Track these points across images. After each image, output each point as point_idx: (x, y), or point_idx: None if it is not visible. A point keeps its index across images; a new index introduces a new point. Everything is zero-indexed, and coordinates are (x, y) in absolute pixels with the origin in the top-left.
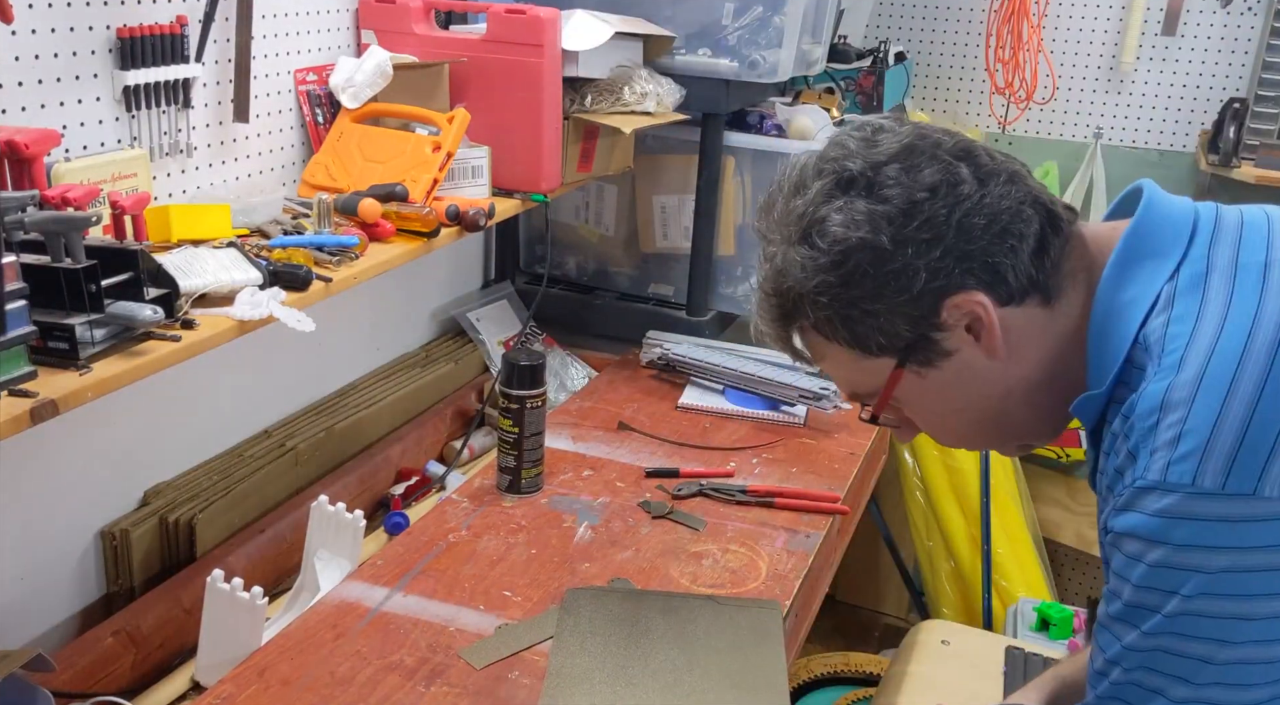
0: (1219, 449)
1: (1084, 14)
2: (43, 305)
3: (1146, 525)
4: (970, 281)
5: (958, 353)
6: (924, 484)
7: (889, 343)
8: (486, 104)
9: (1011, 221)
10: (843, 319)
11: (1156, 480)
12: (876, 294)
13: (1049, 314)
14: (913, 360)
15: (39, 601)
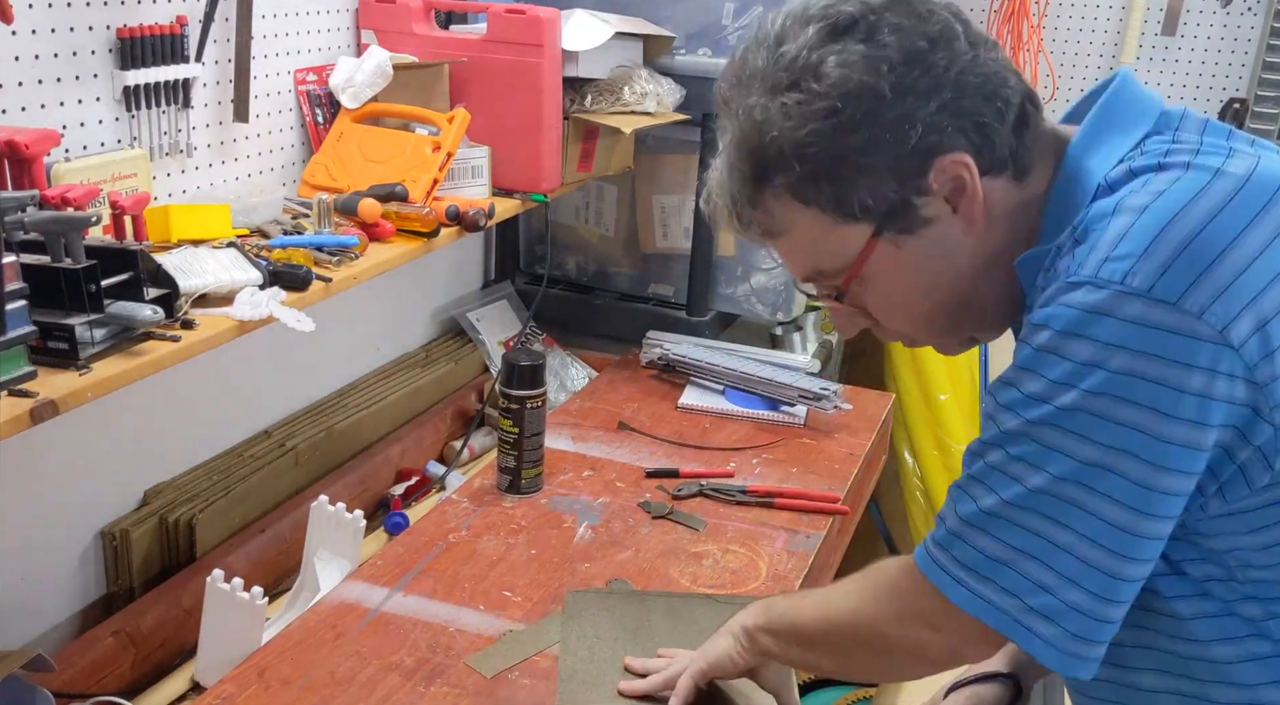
0: (1157, 254)
1: (1084, 14)
2: (43, 305)
3: (1066, 316)
4: (961, 141)
5: (936, 222)
6: (924, 484)
7: (871, 204)
8: (486, 104)
9: (1000, 87)
10: (829, 175)
11: (1089, 276)
12: (871, 146)
13: (1018, 190)
14: (891, 227)
15: (39, 601)
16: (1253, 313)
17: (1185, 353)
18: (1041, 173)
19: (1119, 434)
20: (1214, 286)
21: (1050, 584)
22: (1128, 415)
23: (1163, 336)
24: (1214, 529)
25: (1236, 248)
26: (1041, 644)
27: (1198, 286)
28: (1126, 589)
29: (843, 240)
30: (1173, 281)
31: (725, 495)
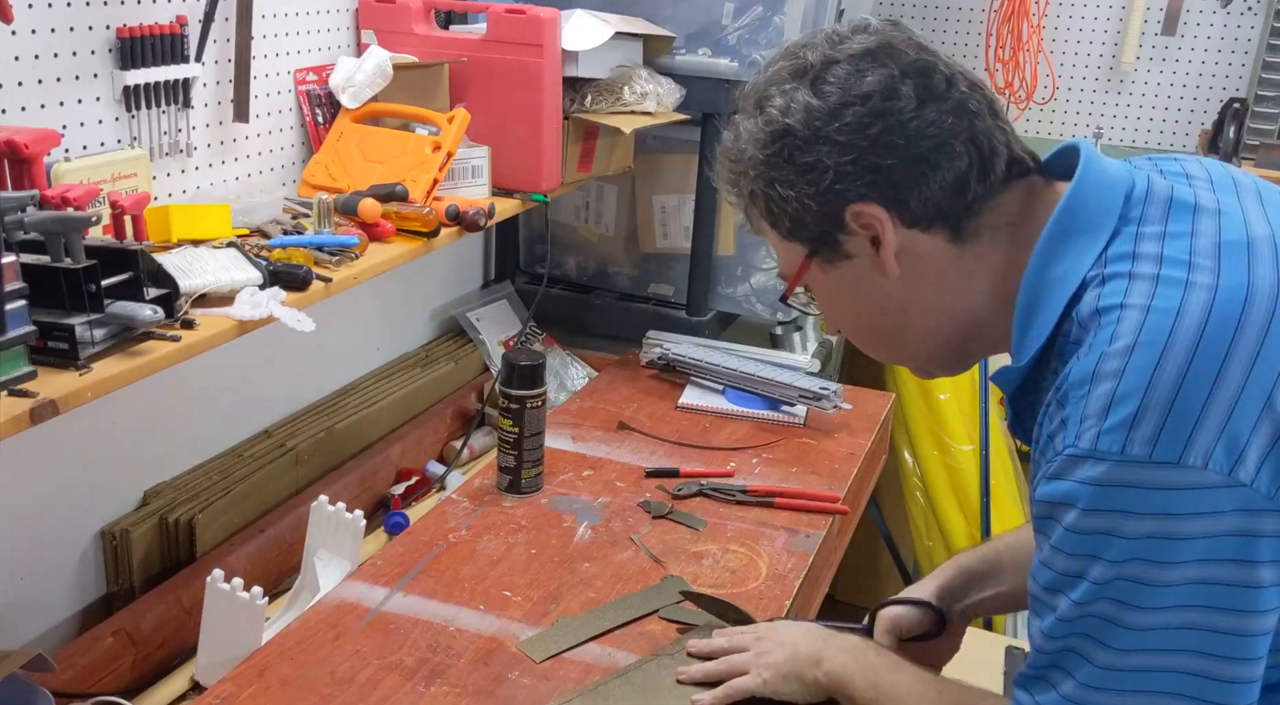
0: (1147, 419)
1: (1084, 14)
2: (43, 305)
3: (1077, 493)
4: (873, 194)
5: (857, 259)
6: (924, 484)
7: (798, 230)
8: (486, 104)
9: (933, 151)
10: (764, 196)
11: (1088, 449)
12: (790, 181)
13: (958, 252)
14: (819, 254)
15: (39, 601)
16: (1256, 446)
17: (1205, 504)
18: (993, 243)
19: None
20: (1209, 435)
21: None
22: (1179, 574)
23: (1178, 496)
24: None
25: (1220, 387)
26: None
27: (1194, 440)
28: None
29: (788, 253)
30: (1169, 442)
31: (725, 495)
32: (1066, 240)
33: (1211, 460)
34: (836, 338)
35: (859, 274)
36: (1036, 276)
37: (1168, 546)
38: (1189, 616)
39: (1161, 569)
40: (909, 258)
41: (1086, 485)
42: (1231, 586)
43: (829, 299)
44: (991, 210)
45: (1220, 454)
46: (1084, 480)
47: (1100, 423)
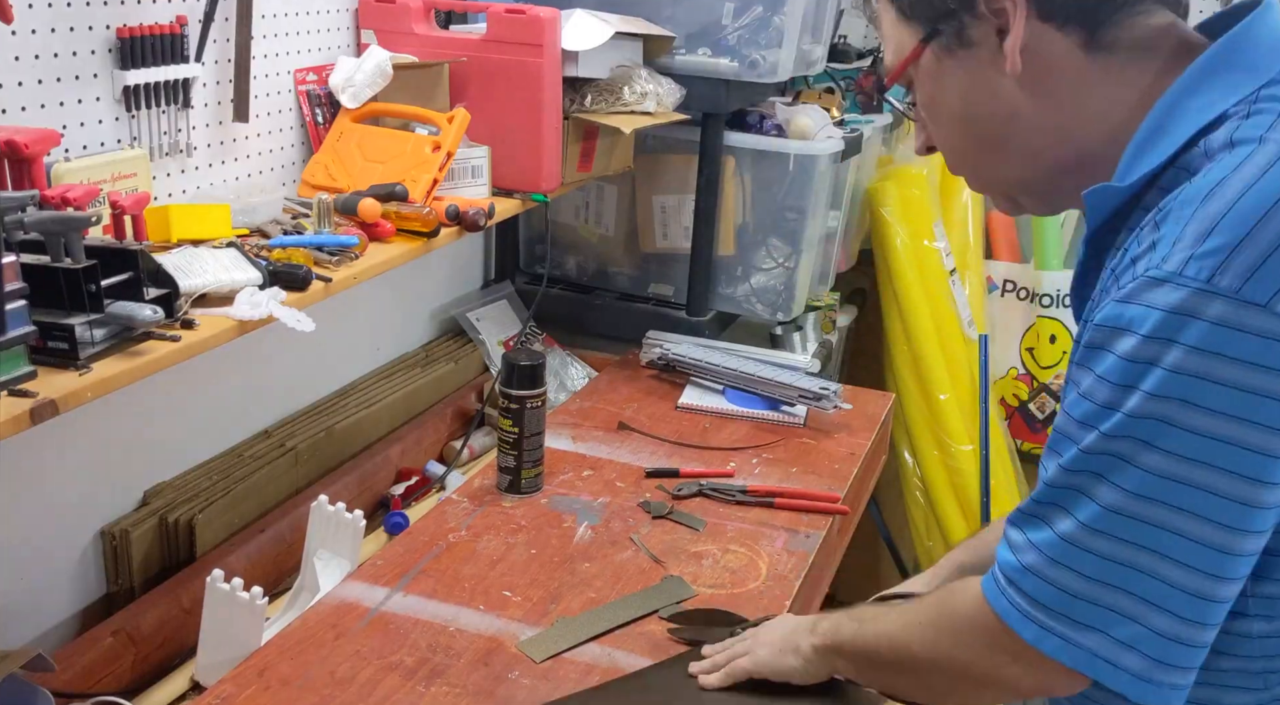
0: (1246, 252)
1: None
2: (43, 305)
3: (1150, 318)
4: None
5: (978, 48)
6: (924, 484)
7: (925, 9)
8: (486, 104)
9: None
10: None
11: (1172, 272)
12: None
13: (1089, 62)
14: (938, 38)
15: (39, 601)
16: None
17: (1270, 357)
18: (1127, 65)
19: (1204, 446)
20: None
21: (1134, 612)
22: (1214, 425)
23: (1252, 341)
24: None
25: None
26: (1129, 678)
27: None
28: (1218, 611)
29: (902, 38)
30: (1262, 282)
31: (725, 495)
32: (1221, 73)
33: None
34: (836, 338)
35: (975, 67)
36: (1174, 101)
37: (1217, 393)
38: (1206, 476)
39: (1197, 415)
40: (1034, 57)
41: (1156, 310)
42: (1256, 454)
43: (933, 95)
44: (1134, 26)
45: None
46: (1156, 305)
47: (1195, 246)
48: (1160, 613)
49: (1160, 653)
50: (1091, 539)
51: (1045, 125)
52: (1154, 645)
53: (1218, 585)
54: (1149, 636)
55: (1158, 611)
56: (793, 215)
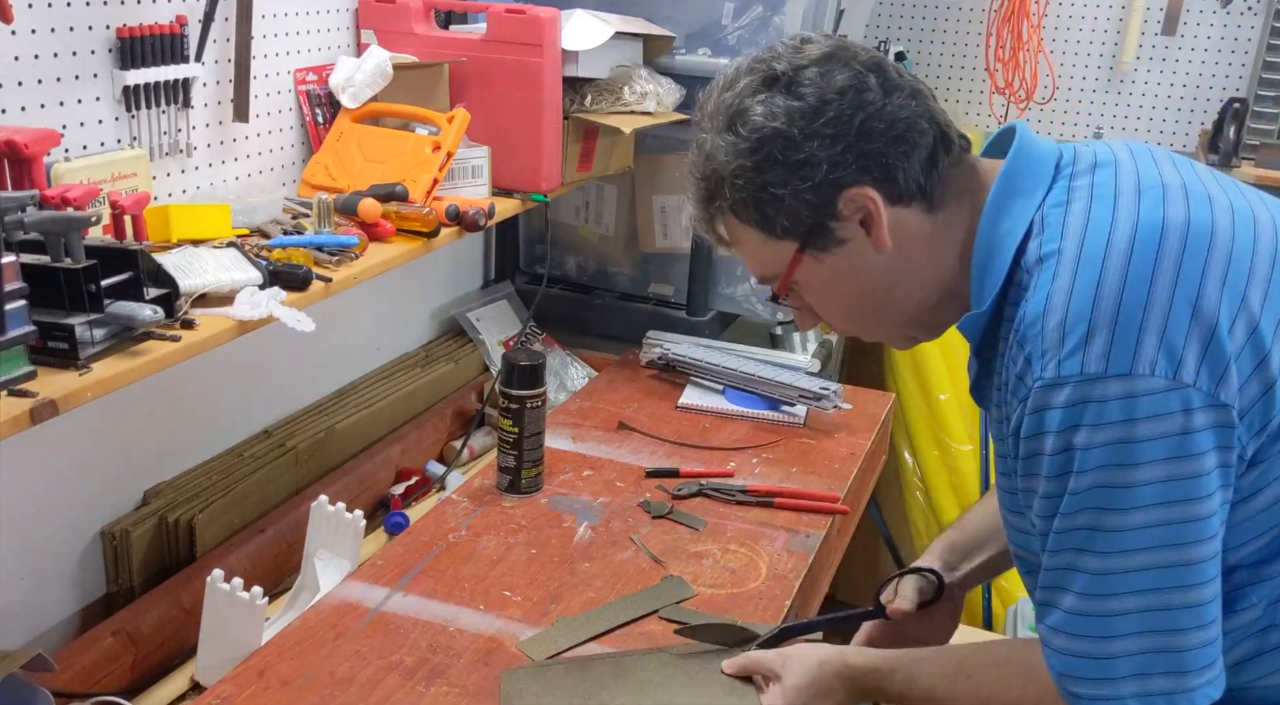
0: (1097, 338)
1: (1084, 14)
2: (43, 305)
3: (1056, 417)
4: (865, 177)
5: (851, 242)
6: (924, 484)
7: (792, 226)
8: (486, 104)
9: (907, 130)
10: (755, 201)
11: (1053, 377)
12: (784, 180)
13: (933, 221)
14: (812, 245)
15: (39, 601)
16: (1191, 351)
17: (1158, 406)
18: (957, 208)
19: (1141, 494)
20: (1151, 345)
21: (1154, 645)
22: (1143, 474)
23: (1134, 403)
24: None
25: (1152, 302)
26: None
27: (1140, 351)
28: (1212, 608)
29: (775, 253)
30: (1119, 355)
31: (725, 495)
32: (1010, 199)
33: (1156, 367)
34: (836, 338)
35: (851, 257)
36: (988, 233)
37: (1131, 449)
38: (1158, 514)
39: (1128, 471)
40: (896, 233)
41: (1058, 410)
42: (1188, 480)
43: (818, 288)
44: (953, 180)
45: (1163, 361)
46: (1055, 405)
47: (1059, 351)
48: (1173, 635)
49: (1182, 664)
50: (1092, 603)
51: (919, 278)
52: (1177, 661)
53: (1202, 589)
54: (1172, 657)
55: (1171, 635)
56: None
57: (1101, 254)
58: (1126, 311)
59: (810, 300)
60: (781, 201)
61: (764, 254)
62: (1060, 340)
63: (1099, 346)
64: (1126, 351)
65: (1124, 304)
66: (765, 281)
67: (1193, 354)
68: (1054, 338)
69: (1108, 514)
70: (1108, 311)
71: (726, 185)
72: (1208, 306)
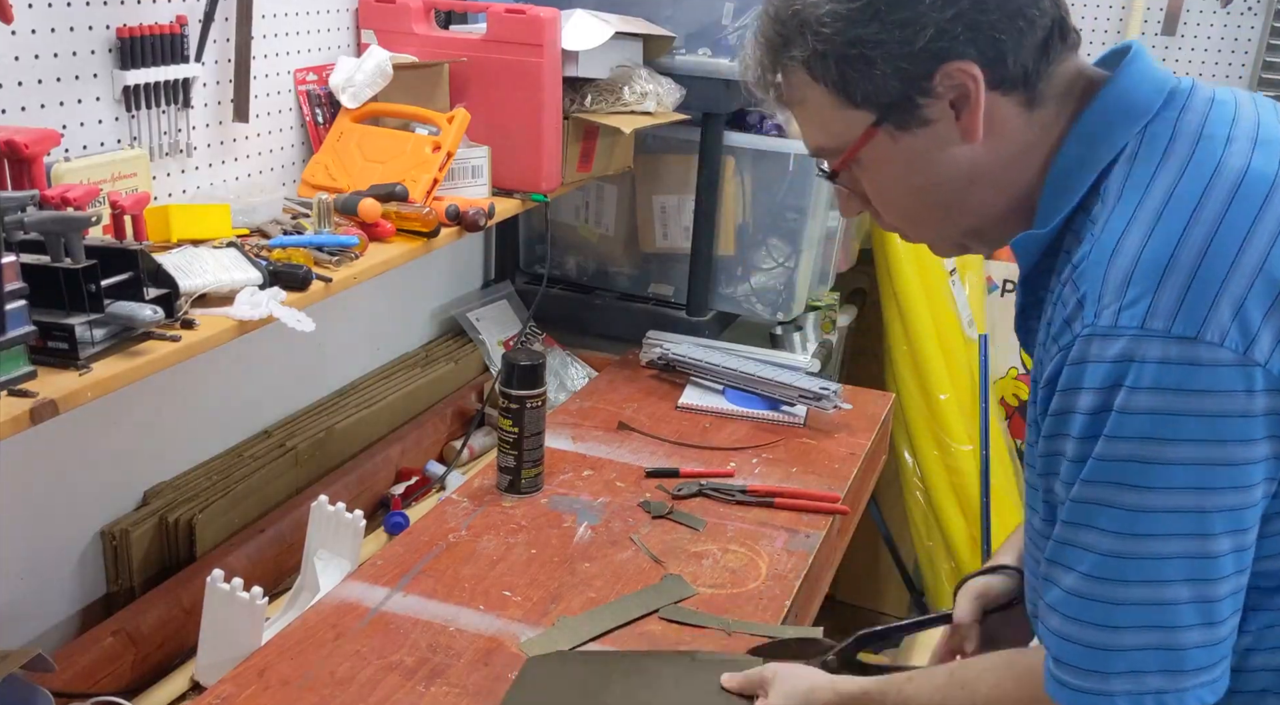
0: (1167, 292)
1: (1084, 14)
2: (43, 305)
3: (1100, 372)
4: (971, 51)
5: (936, 124)
6: (924, 484)
7: (875, 94)
8: (486, 104)
9: (1026, 6)
10: (838, 57)
11: (1107, 326)
12: (880, 39)
13: (1029, 119)
14: (891, 120)
15: (39, 601)
16: (1270, 326)
17: (1217, 382)
18: (1055, 112)
19: (1173, 474)
20: (1226, 313)
21: (1160, 642)
22: (1177, 452)
23: (1192, 372)
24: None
25: (1240, 265)
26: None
27: (1211, 317)
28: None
29: (845, 123)
30: (1188, 316)
31: (725, 495)
32: (1111, 116)
33: (1227, 339)
34: (836, 337)
35: (931, 141)
36: (1076, 148)
37: (1176, 423)
38: (1190, 499)
39: (1167, 447)
40: (989, 122)
41: (1103, 363)
42: (1228, 466)
43: (885, 172)
44: (1060, 76)
45: (1235, 332)
46: (1102, 358)
47: (1119, 298)
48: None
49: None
50: (1097, 587)
51: (999, 181)
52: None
53: (1219, 586)
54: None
55: (1175, 632)
56: (792, 215)
57: (1196, 198)
58: (1209, 268)
59: (869, 185)
60: (872, 64)
61: (830, 121)
62: (1123, 285)
63: (1167, 301)
64: (1198, 313)
65: (1208, 259)
66: (820, 154)
67: (1270, 332)
68: (1117, 282)
69: (1132, 491)
70: (1187, 264)
71: (810, 32)
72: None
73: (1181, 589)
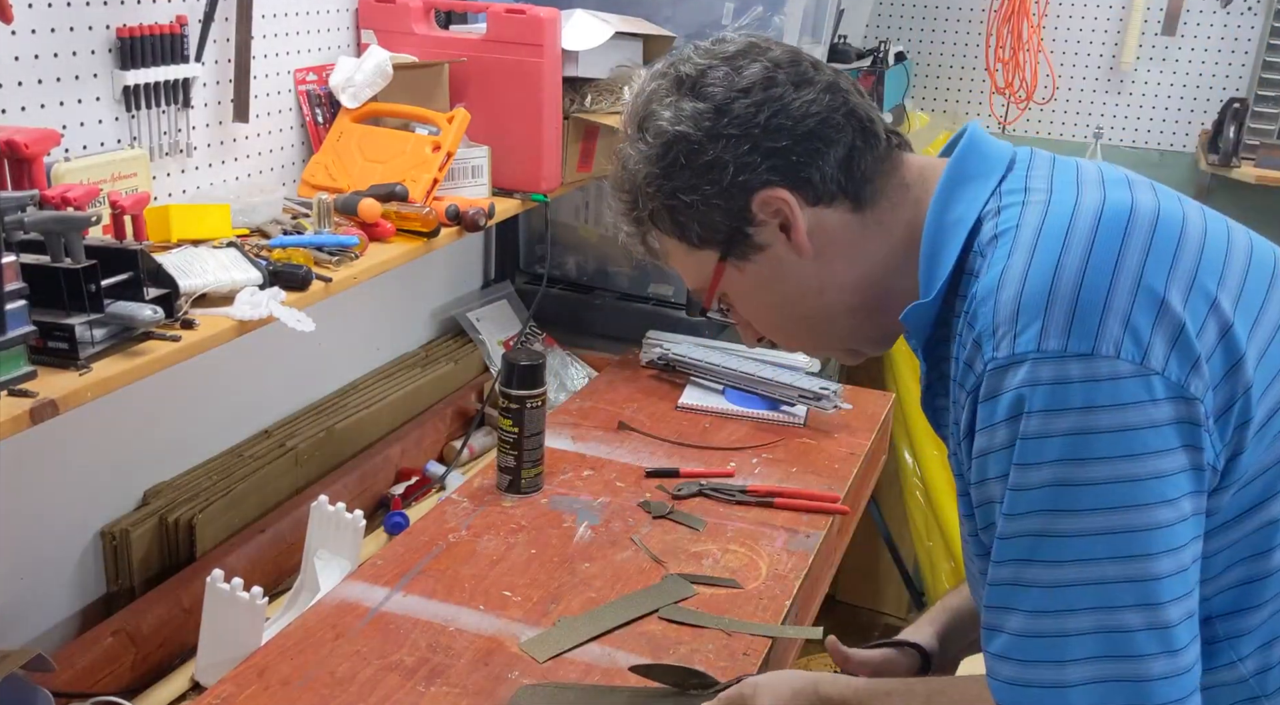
0: (1056, 312)
1: (1084, 14)
2: (43, 305)
3: (1007, 402)
4: (775, 178)
5: (770, 248)
6: (924, 484)
7: (708, 235)
8: (486, 104)
9: (819, 127)
10: (668, 210)
11: (1006, 356)
12: (693, 185)
13: (861, 221)
14: (732, 254)
15: (39, 601)
16: (1160, 336)
17: (1119, 394)
18: (897, 212)
19: (1095, 494)
20: (1116, 325)
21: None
22: (1100, 473)
23: (1093, 388)
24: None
25: (1119, 280)
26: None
27: (1103, 330)
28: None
29: (699, 263)
30: (1080, 333)
31: (725, 495)
32: (961, 186)
33: (1122, 350)
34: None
35: (774, 263)
36: (937, 220)
37: (1089, 442)
38: (1116, 519)
39: (1085, 467)
40: (819, 235)
41: (1011, 392)
42: (1149, 480)
43: (747, 299)
44: (884, 175)
45: (1129, 343)
46: (1010, 388)
47: (1013, 327)
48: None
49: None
50: (1041, 621)
51: (848, 283)
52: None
53: (1168, 610)
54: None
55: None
56: None
57: (1063, 232)
58: (1089, 292)
59: (742, 312)
60: (693, 208)
61: (689, 265)
62: (1014, 315)
63: (1058, 322)
64: (1089, 329)
65: (1086, 284)
66: (697, 295)
67: (1160, 342)
68: (1007, 312)
69: (1060, 517)
70: (1068, 289)
71: (641, 194)
72: (1174, 302)
73: (1132, 616)
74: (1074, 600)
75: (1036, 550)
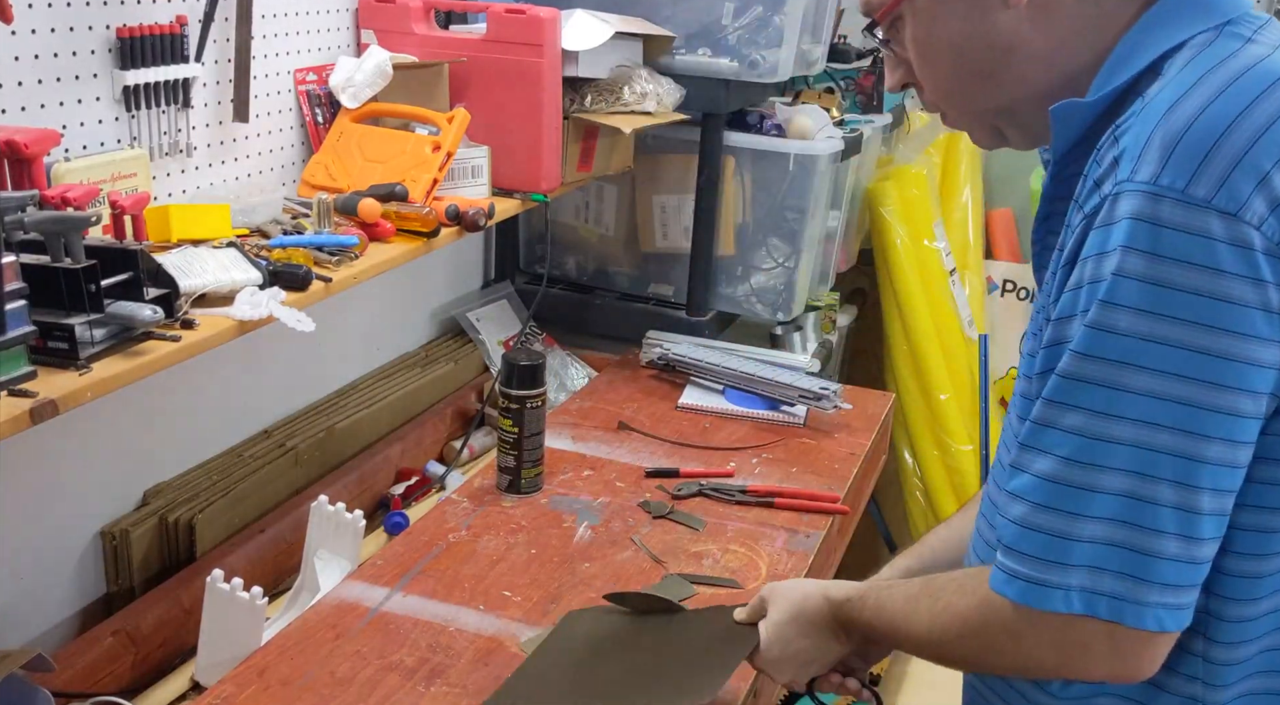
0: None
1: None
2: (42, 305)
3: (1122, 231)
4: None
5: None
6: (924, 484)
7: None
8: (486, 104)
9: None
10: None
11: (1144, 181)
12: None
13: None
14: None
15: (39, 601)
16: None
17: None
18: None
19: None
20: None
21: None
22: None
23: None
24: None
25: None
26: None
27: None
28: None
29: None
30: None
31: (725, 495)
32: (1189, 7)
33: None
34: (836, 337)
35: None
36: (1143, 30)
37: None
38: (1183, 390)
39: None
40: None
41: (1126, 220)
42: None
43: (925, 33)
44: None
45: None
46: (1127, 215)
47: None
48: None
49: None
50: (1074, 472)
51: (1038, 54)
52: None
53: (1202, 497)
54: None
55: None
56: (793, 215)
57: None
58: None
59: (913, 47)
60: None
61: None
62: (1170, 146)
63: (1215, 172)
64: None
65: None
66: (869, 11)
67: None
68: (1164, 140)
69: (1130, 372)
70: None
71: None
72: None
73: (1167, 490)
74: (1114, 458)
75: (1089, 397)
